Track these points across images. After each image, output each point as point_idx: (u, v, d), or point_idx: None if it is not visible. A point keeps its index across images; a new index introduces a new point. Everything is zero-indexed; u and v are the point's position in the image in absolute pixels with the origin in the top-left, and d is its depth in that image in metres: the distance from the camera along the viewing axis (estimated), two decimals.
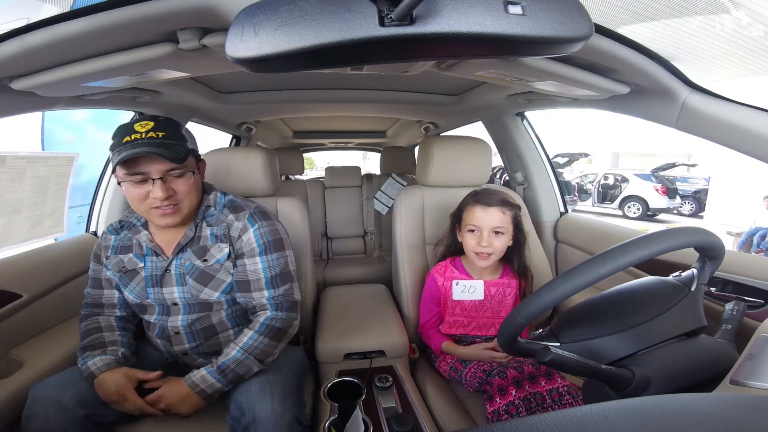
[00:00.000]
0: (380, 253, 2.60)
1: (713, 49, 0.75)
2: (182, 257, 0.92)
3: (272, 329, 0.90)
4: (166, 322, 0.93)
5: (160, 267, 0.92)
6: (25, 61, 0.66)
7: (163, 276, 0.92)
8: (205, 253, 0.92)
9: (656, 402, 0.30)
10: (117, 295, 0.96)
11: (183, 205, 0.86)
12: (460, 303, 1.11)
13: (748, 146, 0.75)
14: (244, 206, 0.97)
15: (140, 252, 0.93)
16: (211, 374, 0.83)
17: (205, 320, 0.94)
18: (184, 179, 0.85)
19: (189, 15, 0.56)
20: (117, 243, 0.95)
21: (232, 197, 1.00)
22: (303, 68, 0.42)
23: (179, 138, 0.84)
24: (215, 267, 0.92)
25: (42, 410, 0.75)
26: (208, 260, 0.91)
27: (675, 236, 0.52)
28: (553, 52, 0.44)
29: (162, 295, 0.92)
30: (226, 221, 0.94)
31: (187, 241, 0.91)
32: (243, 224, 0.93)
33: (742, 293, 0.87)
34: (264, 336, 0.88)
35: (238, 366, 0.84)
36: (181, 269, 0.91)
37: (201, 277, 0.91)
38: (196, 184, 0.89)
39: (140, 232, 0.94)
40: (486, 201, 1.05)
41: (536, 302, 0.53)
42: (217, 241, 0.93)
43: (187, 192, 0.86)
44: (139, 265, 0.92)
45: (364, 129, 2.97)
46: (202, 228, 0.94)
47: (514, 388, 0.90)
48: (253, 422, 0.75)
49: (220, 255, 0.92)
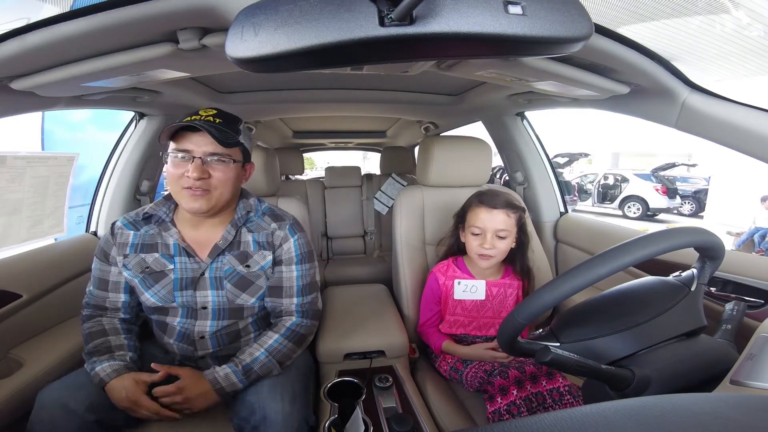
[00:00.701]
0: (380, 253, 2.60)
1: (713, 49, 0.75)
2: (220, 261, 0.90)
3: (297, 335, 0.92)
4: (192, 326, 0.90)
5: (192, 269, 0.89)
6: (25, 61, 0.66)
7: (198, 279, 0.89)
8: (247, 258, 0.92)
9: (656, 402, 0.30)
10: (122, 300, 0.93)
11: (215, 192, 0.84)
12: (461, 302, 1.11)
13: (748, 146, 0.75)
14: (283, 216, 0.99)
15: (167, 252, 0.90)
16: (235, 374, 0.83)
17: (232, 326, 0.93)
18: (224, 166, 0.84)
19: (189, 15, 0.56)
20: (138, 240, 0.90)
21: (268, 205, 1.01)
22: (303, 68, 0.42)
23: (234, 130, 0.85)
24: (257, 273, 0.92)
25: (49, 415, 0.74)
26: (251, 266, 0.91)
27: (675, 236, 0.52)
28: (553, 52, 0.44)
29: (194, 298, 0.89)
30: (269, 229, 0.94)
31: (226, 244, 0.90)
32: (285, 233, 0.95)
33: (742, 293, 0.87)
34: (288, 340, 0.90)
35: (261, 368, 0.84)
36: (218, 273, 0.90)
37: (240, 282, 0.91)
38: (236, 178, 0.88)
39: (169, 229, 0.90)
40: (491, 203, 1.04)
41: (536, 302, 0.53)
42: (260, 248, 0.93)
43: (222, 180, 0.84)
44: (168, 267, 0.89)
45: (364, 129, 2.98)
46: (242, 233, 0.93)
47: (516, 388, 0.90)
48: (263, 421, 0.75)
49: (264, 262, 0.92)
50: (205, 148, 0.82)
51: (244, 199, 0.96)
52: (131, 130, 1.41)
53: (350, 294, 1.48)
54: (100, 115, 3.51)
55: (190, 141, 0.82)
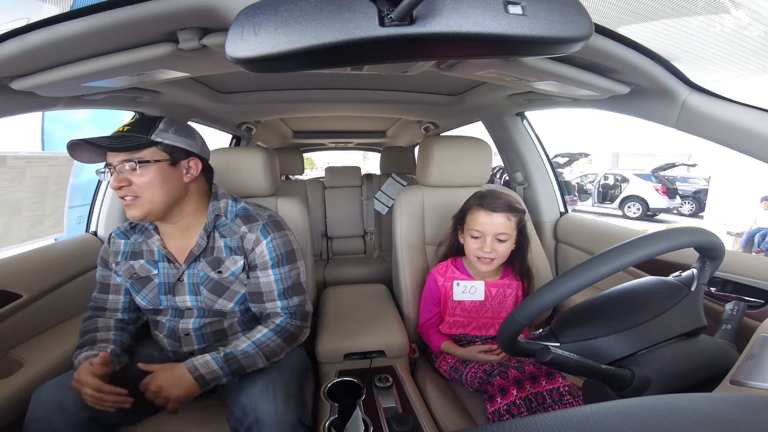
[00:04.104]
0: (380, 253, 2.60)
1: (713, 49, 0.75)
2: (195, 267, 0.91)
3: (286, 332, 0.91)
4: (177, 324, 0.93)
5: (173, 275, 0.91)
6: (25, 61, 0.66)
7: (175, 284, 0.91)
8: (219, 264, 0.91)
9: (656, 402, 0.30)
10: (122, 300, 0.96)
11: (145, 196, 0.82)
12: (460, 303, 1.11)
13: (748, 146, 0.75)
14: (257, 216, 0.95)
15: (152, 258, 0.92)
16: (215, 360, 0.82)
17: (216, 324, 0.94)
18: (142, 171, 0.81)
19: (189, 15, 0.56)
20: (127, 248, 0.94)
21: (244, 205, 0.98)
22: (303, 68, 0.42)
23: (143, 131, 0.82)
24: (230, 279, 0.91)
25: (45, 414, 0.75)
26: (222, 272, 0.91)
27: (675, 236, 0.52)
28: (553, 52, 0.44)
29: (175, 302, 0.92)
30: (239, 233, 0.92)
31: (200, 250, 0.90)
32: (256, 236, 0.92)
33: (742, 293, 0.87)
34: (277, 336, 0.89)
35: (245, 358, 0.84)
36: (195, 279, 0.91)
37: (215, 288, 0.91)
38: (164, 179, 0.84)
39: (152, 237, 0.92)
40: (491, 206, 1.03)
41: (536, 302, 0.53)
42: (231, 254, 0.92)
43: (145, 184, 0.82)
44: (153, 272, 0.92)
45: (364, 129, 2.97)
46: (215, 238, 0.92)
47: (516, 388, 0.90)
48: (256, 423, 0.75)
49: (234, 267, 0.91)
50: (117, 158, 0.81)
51: (215, 201, 0.93)
52: None
53: (350, 294, 1.47)
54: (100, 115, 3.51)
55: (109, 156, 0.83)
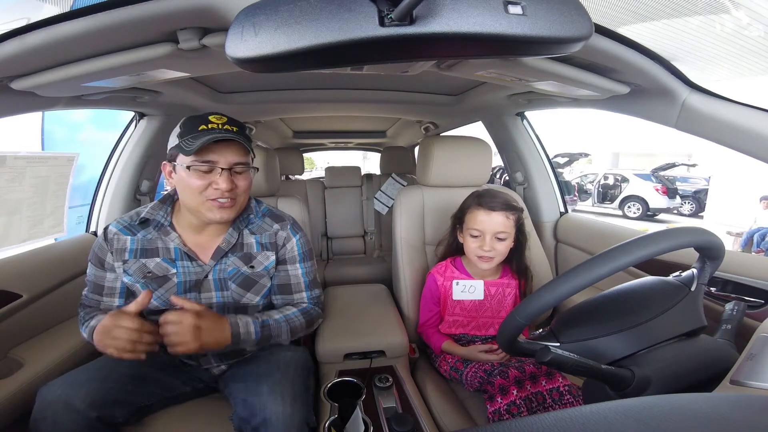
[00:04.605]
0: (380, 253, 2.60)
1: (713, 49, 0.75)
2: (224, 263, 0.92)
3: (309, 315, 0.98)
4: None
5: (195, 272, 0.90)
6: (25, 61, 0.66)
7: (200, 281, 0.90)
8: (251, 260, 0.94)
9: (656, 402, 0.30)
10: (116, 304, 0.92)
11: (240, 201, 0.87)
12: (459, 303, 1.11)
13: (748, 146, 0.75)
14: (283, 216, 1.01)
15: (169, 256, 0.89)
16: (254, 323, 0.86)
17: None
18: (246, 175, 0.87)
19: (189, 15, 0.56)
20: (136, 245, 0.89)
21: (267, 206, 1.02)
22: (303, 68, 0.42)
23: (246, 137, 0.86)
24: (261, 273, 0.94)
25: (51, 413, 0.74)
26: (255, 267, 0.94)
27: (675, 236, 0.52)
28: (553, 52, 0.44)
29: (198, 300, 0.90)
30: (270, 230, 0.97)
31: (229, 247, 0.91)
32: (287, 233, 0.98)
33: (742, 293, 0.87)
34: (303, 317, 0.96)
35: (275, 328, 0.89)
36: (221, 274, 0.91)
37: (245, 282, 0.93)
38: (251, 184, 0.90)
39: (169, 234, 0.89)
40: (489, 205, 1.03)
41: (536, 302, 0.53)
42: (263, 249, 0.95)
43: (245, 189, 0.87)
44: (171, 271, 0.89)
45: (364, 129, 2.98)
46: (244, 235, 0.94)
47: (516, 388, 0.90)
48: (263, 423, 0.75)
49: (267, 262, 0.95)
50: (230, 158, 0.82)
51: None
52: (131, 130, 1.41)
53: (350, 294, 1.47)
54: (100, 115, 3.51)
55: (214, 151, 0.81)
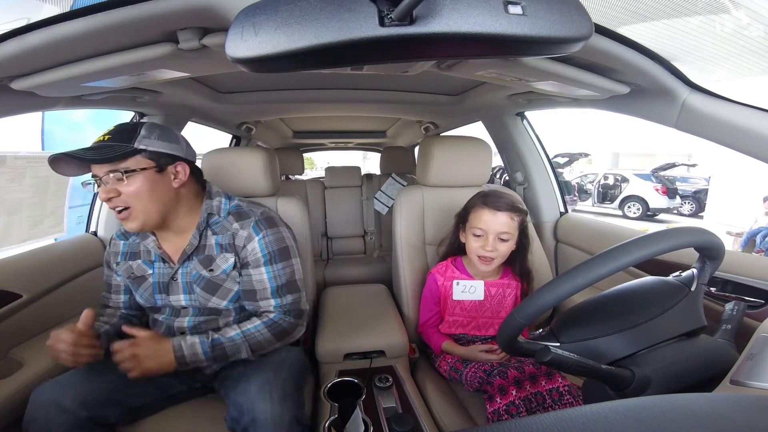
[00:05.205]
0: (380, 253, 2.59)
1: (713, 49, 0.75)
2: (188, 266, 0.92)
3: (278, 327, 0.92)
4: (173, 322, 0.94)
5: (166, 274, 0.93)
6: (25, 61, 0.66)
7: (169, 283, 0.92)
8: (211, 262, 0.91)
9: (656, 402, 0.30)
10: (122, 299, 0.99)
11: (137, 207, 0.81)
12: (460, 303, 1.11)
13: (748, 146, 0.75)
14: (249, 213, 0.94)
15: (149, 258, 0.94)
16: (201, 344, 0.84)
17: (212, 323, 0.94)
18: (130, 180, 0.80)
19: (189, 15, 0.56)
20: (126, 249, 0.97)
21: (238, 203, 0.98)
22: (303, 68, 0.42)
23: (124, 140, 0.80)
24: (221, 277, 0.92)
25: (43, 413, 0.75)
26: (214, 270, 0.91)
27: (675, 236, 0.52)
28: (553, 52, 0.44)
29: (169, 301, 0.93)
30: (231, 230, 0.92)
31: (192, 249, 0.91)
32: (248, 233, 0.91)
33: (742, 293, 0.87)
34: (268, 330, 0.90)
35: (230, 346, 0.86)
36: (188, 278, 0.92)
37: (208, 286, 0.92)
38: (153, 187, 0.82)
39: (147, 238, 0.94)
40: (495, 205, 1.03)
41: (536, 302, 0.53)
42: (222, 251, 0.92)
43: (135, 193, 0.80)
44: (148, 272, 0.93)
45: (364, 129, 2.97)
46: (207, 236, 0.92)
47: (515, 388, 0.90)
48: (252, 423, 0.75)
49: (225, 265, 0.91)
50: (102, 169, 0.79)
51: (208, 200, 0.93)
52: None
53: (350, 294, 1.47)
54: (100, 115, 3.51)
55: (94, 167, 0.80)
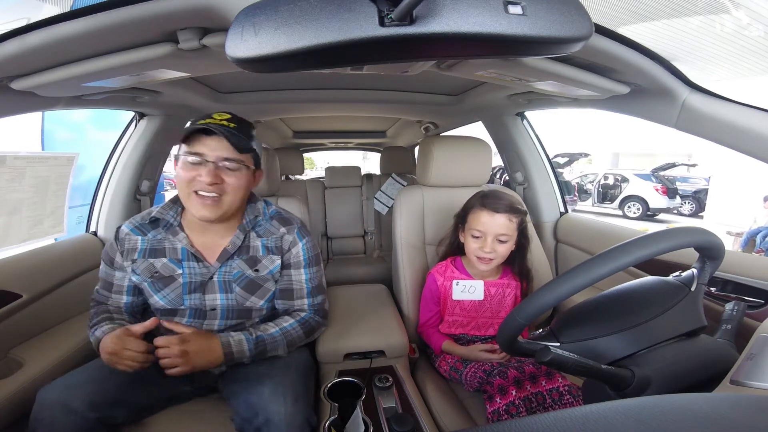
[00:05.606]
0: (380, 253, 2.60)
1: (713, 49, 0.75)
2: (229, 265, 0.91)
3: (308, 325, 0.97)
4: (200, 326, 0.91)
5: (201, 273, 0.90)
6: (25, 61, 0.66)
7: (206, 283, 0.90)
8: (256, 263, 0.93)
9: (656, 402, 0.30)
10: (124, 301, 0.95)
11: (226, 199, 0.84)
12: (459, 303, 1.11)
13: (748, 146, 0.75)
14: (291, 219, 1.00)
15: (176, 257, 0.90)
16: (247, 341, 0.86)
17: (239, 326, 0.94)
18: (237, 173, 0.84)
19: (189, 15, 0.56)
20: (146, 245, 0.91)
21: (276, 208, 1.02)
22: (303, 68, 0.42)
23: (248, 135, 0.86)
24: (265, 277, 0.94)
25: (50, 414, 0.74)
26: (260, 270, 0.93)
27: (675, 236, 0.52)
28: (553, 52, 0.44)
29: (202, 301, 0.91)
30: (277, 233, 0.95)
31: (234, 249, 0.91)
32: (293, 238, 0.96)
33: (742, 293, 0.87)
34: (301, 327, 0.95)
35: (270, 343, 0.88)
36: (226, 276, 0.91)
37: (249, 285, 0.92)
38: (247, 185, 0.88)
39: (177, 234, 0.90)
40: (493, 206, 1.03)
41: (536, 302, 0.53)
42: (269, 253, 0.94)
43: (235, 187, 0.84)
44: (177, 272, 0.90)
45: (364, 129, 2.98)
46: (251, 238, 0.93)
47: (515, 388, 0.90)
48: (266, 424, 0.75)
49: (272, 266, 0.94)
50: (219, 152, 0.81)
51: (252, 203, 0.96)
52: (131, 130, 1.41)
53: (350, 294, 1.47)
54: (100, 115, 3.51)
55: (204, 144, 0.81)
